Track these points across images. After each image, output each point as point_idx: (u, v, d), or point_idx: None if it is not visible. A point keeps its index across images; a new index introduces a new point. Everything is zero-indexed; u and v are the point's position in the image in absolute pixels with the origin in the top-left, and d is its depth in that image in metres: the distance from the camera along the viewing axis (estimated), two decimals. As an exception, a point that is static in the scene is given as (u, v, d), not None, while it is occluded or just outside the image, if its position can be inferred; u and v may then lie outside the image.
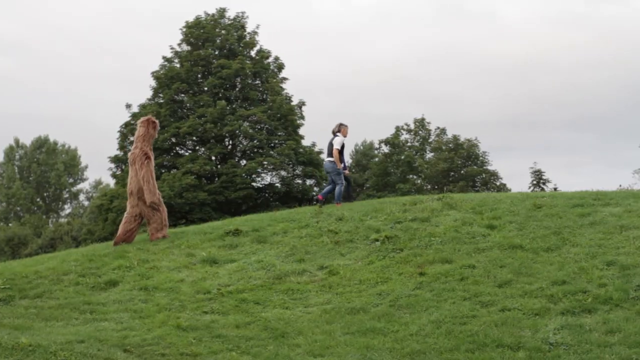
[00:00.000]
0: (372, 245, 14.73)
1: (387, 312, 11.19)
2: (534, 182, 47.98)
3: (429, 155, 64.62)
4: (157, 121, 18.23)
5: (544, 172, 48.44)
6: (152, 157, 17.79)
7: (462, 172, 60.30)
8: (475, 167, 60.28)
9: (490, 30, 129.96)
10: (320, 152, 50.88)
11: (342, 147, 20.41)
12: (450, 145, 61.65)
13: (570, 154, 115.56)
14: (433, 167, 59.87)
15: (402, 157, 62.43)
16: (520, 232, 14.70)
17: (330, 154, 20.27)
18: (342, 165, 20.20)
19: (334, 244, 15.02)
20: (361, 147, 79.10)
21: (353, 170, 74.47)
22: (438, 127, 65.92)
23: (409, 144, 65.11)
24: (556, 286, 11.53)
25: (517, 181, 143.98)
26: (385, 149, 64.59)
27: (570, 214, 15.60)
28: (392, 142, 63.74)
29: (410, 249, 14.21)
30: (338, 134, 20.48)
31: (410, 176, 62.18)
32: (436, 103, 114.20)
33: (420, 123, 65.60)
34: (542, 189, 46.37)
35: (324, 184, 22.47)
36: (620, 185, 26.30)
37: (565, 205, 16.36)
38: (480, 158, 61.51)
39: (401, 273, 12.97)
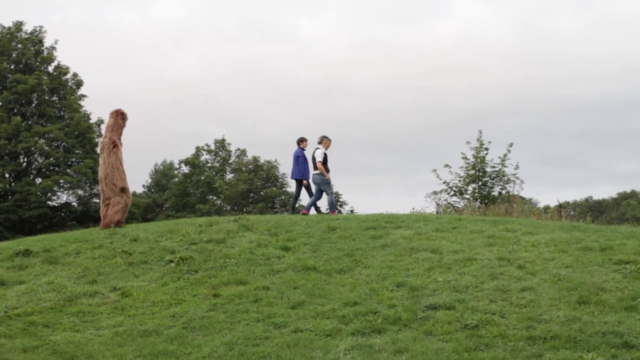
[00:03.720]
0: (167, 266, 14.57)
1: (180, 334, 11.06)
2: (332, 204, 48.69)
3: (229, 176, 64.85)
4: (125, 112, 19.92)
5: (341, 195, 49.34)
6: (120, 146, 19.43)
7: (261, 193, 60.72)
8: (274, 188, 60.84)
9: (292, 51, 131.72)
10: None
11: (325, 157, 21.34)
12: (251, 166, 62.02)
13: (369, 176, 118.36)
14: (233, 188, 60.02)
15: (202, 178, 62.42)
16: (314, 254, 14.91)
17: (315, 167, 21.28)
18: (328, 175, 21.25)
19: (127, 265, 14.76)
20: (161, 167, 78.45)
21: (152, 191, 73.70)
22: (238, 149, 66.35)
23: (209, 164, 65.14)
24: (348, 307, 11.72)
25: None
26: (185, 169, 64.47)
27: (363, 237, 15.96)
28: (192, 162, 63.69)
29: (205, 271, 14.13)
30: (319, 145, 21.45)
31: (210, 197, 62.16)
32: (237, 122, 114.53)
33: (221, 144, 65.84)
34: (339, 211, 47.18)
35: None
36: (413, 209, 26.98)
37: (358, 228, 16.73)
38: (280, 180, 62.18)
39: (195, 295, 12.87)
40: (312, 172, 21.70)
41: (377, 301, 11.98)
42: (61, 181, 46.54)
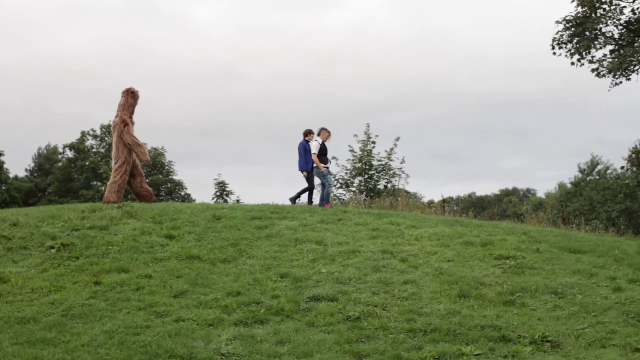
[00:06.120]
0: (48, 252, 14.26)
1: (60, 322, 10.84)
2: (218, 194, 48.45)
3: (115, 162, 63.85)
4: (137, 91, 20.40)
5: (228, 184, 49.04)
6: (131, 124, 19.97)
7: (147, 181, 60.09)
8: (161, 176, 60.34)
9: (183, 34, 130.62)
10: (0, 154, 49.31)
11: (323, 149, 21.14)
12: (137, 153, 61.24)
13: (257, 165, 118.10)
14: (118, 174, 59.14)
15: (87, 164, 61.44)
16: (198, 243, 14.82)
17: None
18: (326, 166, 21.11)
19: (6, 250, 14.40)
20: (45, 151, 76.79)
21: (35, 175, 72.22)
22: (125, 135, 65.26)
23: (94, 150, 64.12)
24: (231, 297, 11.69)
25: (203, 192, 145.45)
26: (70, 154, 63.29)
27: (248, 227, 15.94)
28: (78, 147, 62.63)
29: (87, 258, 13.89)
30: (317, 137, 21.25)
31: (95, 183, 61.22)
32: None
33: (107, 129, 64.83)
34: (226, 201, 46.98)
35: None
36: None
37: (244, 218, 16.71)
38: (167, 168, 61.71)
39: (76, 282, 12.64)
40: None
41: (261, 292, 11.99)
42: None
